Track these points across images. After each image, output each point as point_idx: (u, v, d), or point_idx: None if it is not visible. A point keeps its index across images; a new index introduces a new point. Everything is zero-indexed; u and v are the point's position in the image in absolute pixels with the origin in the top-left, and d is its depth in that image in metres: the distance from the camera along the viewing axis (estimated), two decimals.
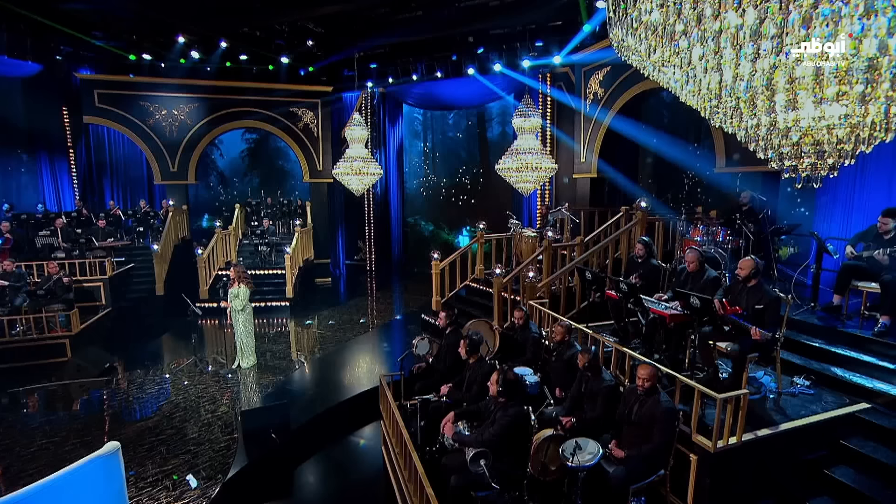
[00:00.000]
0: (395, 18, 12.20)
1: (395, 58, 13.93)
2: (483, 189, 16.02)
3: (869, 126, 2.04)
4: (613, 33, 2.43)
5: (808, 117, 2.08)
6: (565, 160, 12.08)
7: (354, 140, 12.04)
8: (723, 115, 2.51)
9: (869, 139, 2.11)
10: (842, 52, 1.78)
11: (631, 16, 2.24)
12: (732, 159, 8.15)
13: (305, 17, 11.61)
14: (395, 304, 13.28)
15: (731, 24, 1.93)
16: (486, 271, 9.66)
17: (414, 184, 17.09)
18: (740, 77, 2.06)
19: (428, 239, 17.02)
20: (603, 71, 10.82)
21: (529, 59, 11.93)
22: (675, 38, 2.11)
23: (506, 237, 9.99)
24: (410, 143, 16.89)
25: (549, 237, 8.19)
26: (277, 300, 11.92)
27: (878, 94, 1.88)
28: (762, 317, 4.56)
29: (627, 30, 2.29)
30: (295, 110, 14.65)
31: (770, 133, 2.31)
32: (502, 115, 15.30)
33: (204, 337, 10.07)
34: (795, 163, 2.35)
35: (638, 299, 4.99)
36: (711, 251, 7.20)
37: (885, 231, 5.44)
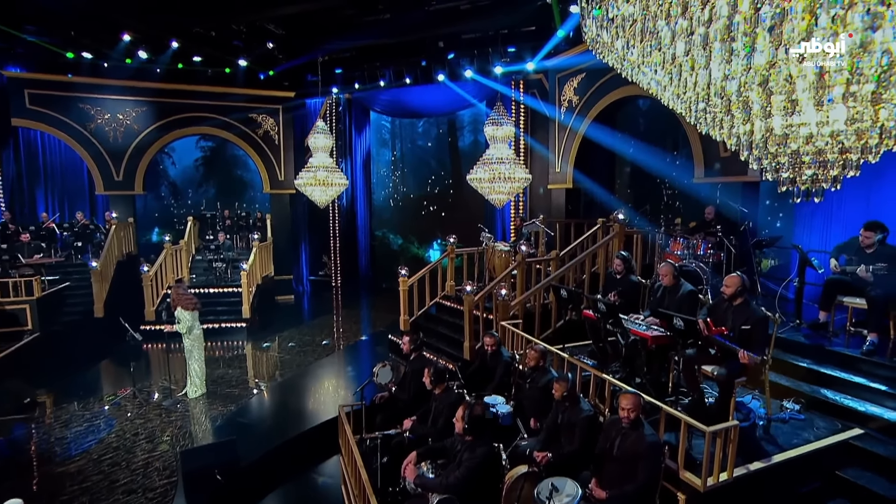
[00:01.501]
0: (362, 21, 11.96)
1: (361, 62, 13.66)
2: (454, 200, 15.80)
3: (878, 132, 1.83)
4: (587, 28, 2.18)
5: (810, 122, 1.86)
6: (540, 170, 11.98)
7: (318, 149, 11.73)
8: (711, 120, 2.28)
9: (877, 147, 1.90)
10: (848, 47, 1.56)
11: (603, 8, 1.99)
12: (712, 169, 8.12)
13: (264, 18, 11.24)
14: (362, 323, 12.87)
15: (722, 15, 1.69)
16: (457, 288, 9.39)
17: (382, 195, 16.77)
18: (732, 76, 1.83)
19: (397, 253, 16.67)
20: (578, 78, 10.79)
21: (502, 65, 11.84)
22: (656, 33, 1.87)
23: (478, 251, 9.79)
24: (378, 152, 16.60)
25: (523, 251, 7.96)
26: (233, 321, 11.34)
27: (892, 95, 1.66)
28: (749, 338, 4.39)
29: (601, 24, 2.04)
30: (254, 116, 14.18)
31: (766, 140, 2.08)
32: (474, 123, 15.19)
33: (150, 363, 9.42)
34: (794, 175, 2.12)
35: (617, 320, 4.76)
36: (692, 265, 7.10)
37: (868, 245, 5.39)
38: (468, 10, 11.44)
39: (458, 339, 7.87)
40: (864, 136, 1.84)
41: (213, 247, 12.69)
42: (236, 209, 15.13)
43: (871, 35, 1.47)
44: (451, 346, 8.16)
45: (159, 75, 12.87)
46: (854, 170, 2.00)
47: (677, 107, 2.34)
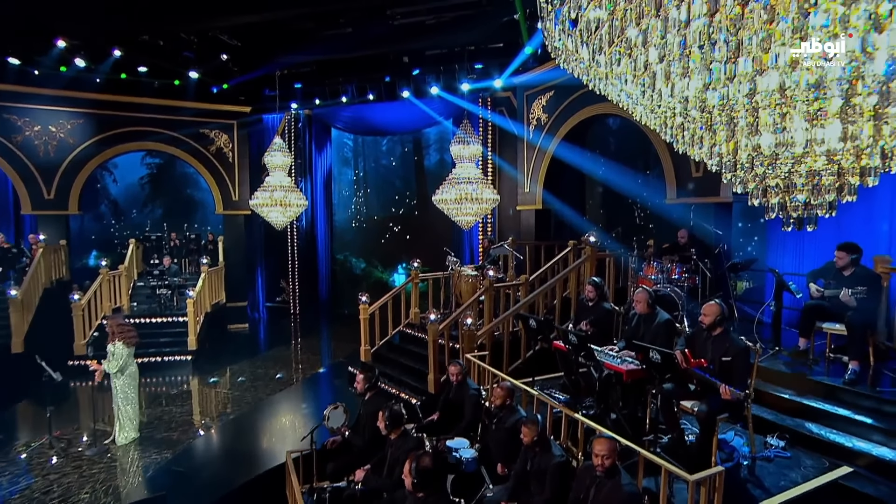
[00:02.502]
0: (323, 34, 11.78)
1: (322, 77, 13.44)
2: (420, 222, 15.56)
3: (879, 152, 1.65)
4: (547, 32, 1.96)
5: (802, 140, 1.67)
6: (509, 191, 11.90)
7: (276, 167, 11.42)
8: (689, 137, 2.09)
9: (878, 169, 1.72)
10: (846, 51, 1.37)
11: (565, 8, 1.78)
12: (685, 189, 8.14)
13: (217, 27, 10.89)
14: (321, 353, 12.40)
15: (701, 13, 1.49)
16: (421, 315, 9.12)
17: (344, 216, 16.40)
18: (713, 85, 1.63)
19: (359, 277, 16.27)
20: (546, 95, 10.81)
21: (469, 82, 11.81)
22: (625, 37, 1.67)
23: (443, 276, 9.58)
24: (340, 171, 16.30)
25: (491, 276, 7.77)
26: (177, 353, 10.66)
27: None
28: (730, 370, 4.23)
29: (563, 28, 1.83)
30: (206, 132, 13.67)
31: (752, 160, 1.89)
32: (440, 141, 15.10)
33: (76, 405, 8.66)
34: (784, 200, 1.93)
35: (589, 352, 4.53)
36: (667, 290, 7.00)
37: (843, 266, 5.37)
38: (434, 25, 11.40)
39: (423, 371, 7.57)
40: (864, 156, 1.66)
41: (157, 272, 12.01)
42: (185, 231, 14.46)
43: (873, 36, 1.28)
44: (415, 378, 7.83)
45: (99, 85, 12.24)
46: (852, 195, 1.82)
47: (651, 122, 2.15)
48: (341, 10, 11.08)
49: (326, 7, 10.48)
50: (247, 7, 9.92)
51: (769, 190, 1.93)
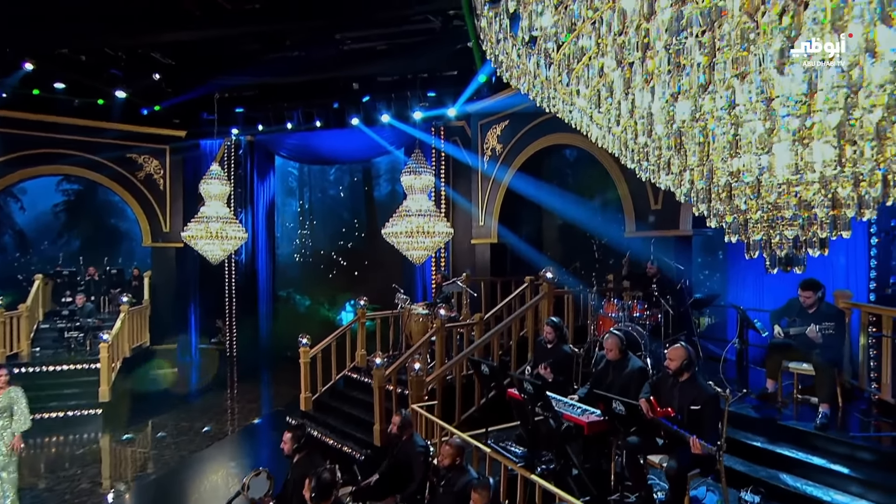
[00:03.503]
0: (267, 57, 11.50)
1: (266, 102, 13.08)
2: (370, 256, 15.15)
3: (881, 178, 1.43)
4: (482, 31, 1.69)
5: (793, 163, 1.43)
6: (463, 223, 11.76)
7: (213, 196, 10.89)
8: (655, 160, 1.85)
9: (877, 199, 1.51)
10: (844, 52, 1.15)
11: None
12: (644, 222, 8.15)
13: (148, 44, 10.40)
14: (260, 400, 11.65)
15: (666, 5, 1.24)
16: (368, 357, 8.68)
17: (287, 250, 15.80)
18: (682, 95, 1.38)
19: (304, 316, 15.58)
20: (501, 124, 10.84)
21: (421, 110, 11.75)
22: (576, 37, 1.42)
23: (392, 315, 9.22)
24: (284, 202, 15.79)
25: (442, 316, 7.43)
26: (85, 407, 9.65)
27: None
28: (699, 420, 4.00)
29: (498, 25, 1.56)
30: (134, 157, 12.91)
31: (730, 189, 1.65)
32: (391, 171, 14.89)
33: None
34: (767, 236, 1.69)
35: (546, 402, 4.22)
36: (629, 328, 6.84)
37: (809, 305, 5.35)
38: (385, 51, 11.35)
39: (369, 421, 7.09)
40: (864, 183, 1.44)
41: (67, 312, 11.00)
42: (105, 265, 13.45)
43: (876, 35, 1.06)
44: (360, 429, 7.33)
45: (4, 101, 11.39)
46: (846, 230, 1.61)
47: (609, 144, 1.91)
48: (287, 31, 10.87)
49: (270, 27, 10.21)
50: (181, 24, 9.52)
51: (751, 224, 1.70)
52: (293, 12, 9.75)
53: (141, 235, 13.36)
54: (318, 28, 10.68)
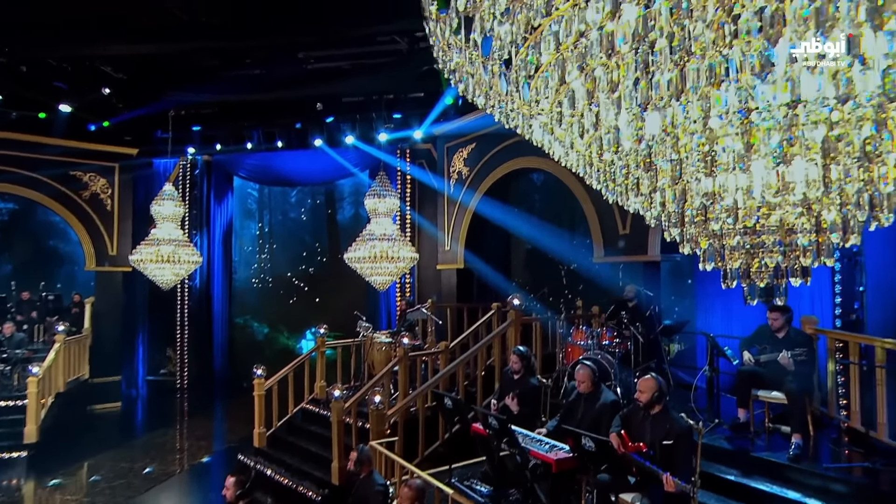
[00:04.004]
0: (227, 74, 11.29)
1: (225, 120, 12.82)
2: (332, 282, 14.81)
3: (867, 202, 1.34)
4: (431, 34, 1.56)
5: (777, 183, 1.32)
6: (428, 248, 11.66)
7: (165, 218, 10.51)
8: (622, 182, 1.74)
9: (863, 223, 1.41)
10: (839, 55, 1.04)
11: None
12: (613, 248, 8.17)
13: (96, 56, 10.04)
14: (213, 436, 11.07)
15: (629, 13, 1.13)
16: (328, 388, 8.37)
17: (245, 274, 15.31)
18: (654, 106, 1.27)
19: (261, 344, 15.07)
20: (468, 147, 10.86)
21: (387, 132, 11.70)
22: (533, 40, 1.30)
23: (354, 343, 8.98)
24: (242, 225, 15.37)
25: (406, 344, 7.25)
26: (8, 449, 8.89)
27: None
28: (672, 455, 3.88)
29: (446, 25, 1.43)
30: (78, 175, 12.33)
31: (705, 212, 1.53)
32: (355, 194, 14.70)
33: None
34: (746, 264, 1.58)
35: (512, 438, 4.04)
36: (598, 356, 6.76)
37: (778, 328, 5.39)
38: (350, 71, 11.32)
39: (328, 458, 6.77)
40: (849, 206, 1.35)
41: None
42: (41, 291, 12.72)
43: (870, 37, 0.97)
44: (318, 466, 7.01)
45: None
46: (829, 257, 1.51)
47: (573, 163, 1.79)
48: (248, 48, 10.71)
49: (229, 43, 10.02)
50: (134, 36, 9.23)
51: (728, 252, 1.59)
52: (254, 28, 9.64)
53: (84, 259, 12.70)
54: (280, 45, 10.60)
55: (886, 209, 1.35)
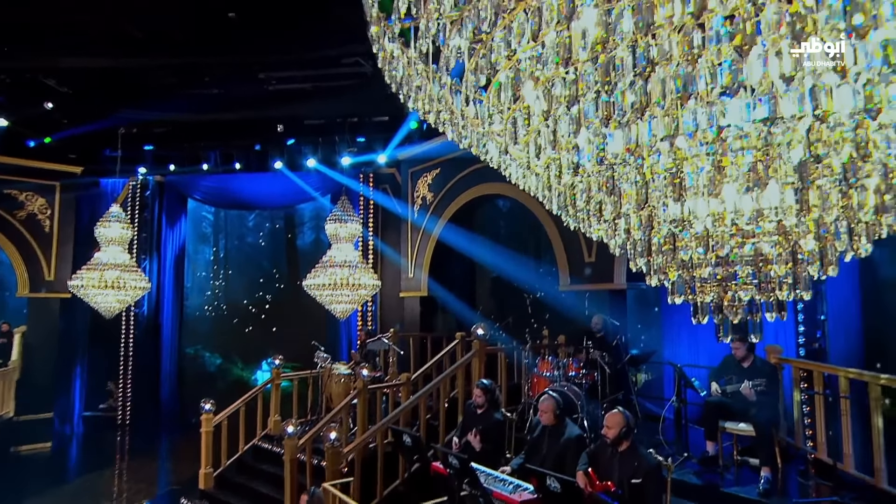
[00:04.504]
0: (184, 92, 11.03)
1: (180, 140, 12.47)
2: (291, 310, 14.41)
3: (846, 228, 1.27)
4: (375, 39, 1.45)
5: (751, 208, 1.23)
6: (391, 276, 11.55)
7: (111, 241, 10.09)
8: (583, 206, 1.63)
9: (843, 255, 1.34)
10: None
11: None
12: (579, 276, 8.18)
13: (39, 68, 9.63)
14: (155, 477, 10.43)
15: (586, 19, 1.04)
16: (283, 423, 8.05)
17: (198, 302, 14.75)
18: (613, 121, 1.17)
19: (214, 376, 14.45)
20: (433, 172, 10.87)
21: (350, 155, 11.65)
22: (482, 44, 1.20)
23: (311, 375, 8.76)
24: (196, 249, 14.87)
25: (365, 376, 7.03)
26: None
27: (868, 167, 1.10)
28: (641, 494, 3.78)
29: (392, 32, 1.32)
30: (14, 194, 11.72)
31: (674, 242, 1.44)
32: (316, 219, 14.47)
33: None
34: (717, 297, 1.48)
35: (473, 479, 3.85)
36: (564, 388, 6.66)
37: (742, 357, 5.44)
38: (313, 93, 11.19)
39: (280, 499, 6.45)
40: (829, 234, 1.27)
41: None
42: None
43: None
44: None
45: None
46: (807, 290, 1.43)
47: (531, 186, 1.68)
48: (206, 66, 10.50)
49: (185, 60, 9.80)
50: (82, 49, 8.91)
51: (699, 284, 1.50)
52: (212, 47, 9.49)
53: (16, 284, 12.00)
54: (240, 65, 10.44)
55: (865, 238, 1.28)
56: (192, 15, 9.00)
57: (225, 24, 9.18)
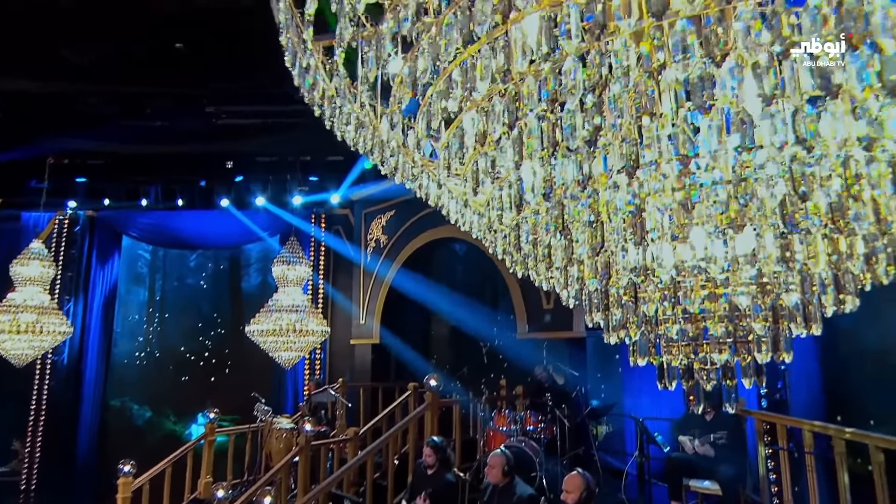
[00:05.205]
0: (123, 123, 10.67)
1: (117, 173, 12.00)
2: (233, 357, 13.70)
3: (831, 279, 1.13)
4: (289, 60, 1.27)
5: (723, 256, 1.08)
6: (342, 322, 11.29)
7: (28, 280, 9.48)
8: (528, 250, 1.45)
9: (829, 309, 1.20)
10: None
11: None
12: (539, 323, 8.09)
13: None
14: None
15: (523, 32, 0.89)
16: (214, 486, 7.53)
17: (128, 348, 13.83)
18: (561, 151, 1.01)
19: (142, 430, 13.43)
20: (387, 214, 10.80)
21: (301, 194, 11.48)
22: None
23: (250, 430, 8.29)
24: (129, 290, 14.06)
25: (308, 431, 6.69)
26: None
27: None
28: None
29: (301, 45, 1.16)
30: None
31: (635, 293, 1.28)
32: (264, 260, 13.98)
33: None
34: (688, 360, 1.31)
35: None
36: (522, 444, 6.44)
37: (706, 410, 5.36)
38: (263, 128, 11.03)
39: None
40: (814, 287, 1.13)
41: None
42: None
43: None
44: None
45: None
46: (788, 352, 1.28)
47: (473, 225, 1.50)
48: (149, 95, 10.22)
49: (124, 88, 9.51)
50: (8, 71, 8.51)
51: (665, 344, 1.33)
52: (159, 76, 9.28)
53: None
54: (188, 97, 10.22)
55: (853, 291, 1.15)
56: (138, 43, 8.84)
57: (172, 55, 9.04)
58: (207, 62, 8.97)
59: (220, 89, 9.89)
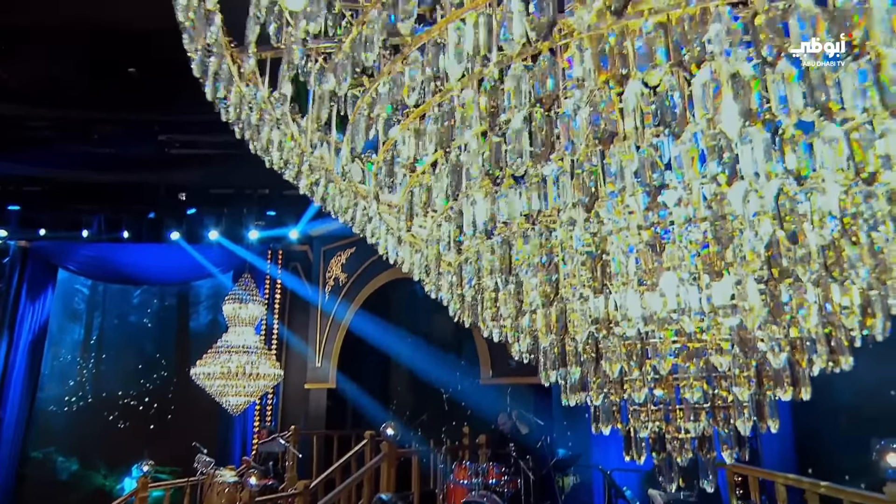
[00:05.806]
0: (66, 148, 10.31)
1: (56, 201, 11.50)
2: (178, 403, 13.05)
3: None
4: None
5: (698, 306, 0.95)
6: (297, 365, 10.95)
7: None
8: (472, 296, 1.29)
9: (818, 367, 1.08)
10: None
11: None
12: (503, 368, 7.92)
13: None
14: None
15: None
16: None
17: (57, 392, 13.01)
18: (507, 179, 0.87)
19: (67, 485, 12.51)
20: (347, 252, 10.67)
21: (258, 229, 11.21)
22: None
23: (189, 484, 7.88)
24: (62, 328, 13.37)
25: (252, 485, 6.32)
26: None
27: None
28: None
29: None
30: None
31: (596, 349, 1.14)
32: (215, 297, 13.51)
33: None
34: (659, 430, 1.17)
35: None
36: (484, 499, 6.20)
37: (680, 487, 5.24)
38: (219, 158, 10.82)
39: None
40: (802, 344, 1.01)
41: None
42: None
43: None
44: None
45: None
46: (774, 419, 1.15)
47: (410, 263, 1.37)
48: (95, 120, 9.93)
49: (67, 112, 9.22)
50: None
51: (632, 410, 1.18)
52: (107, 101, 9.05)
53: None
54: (138, 123, 9.99)
55: (846, 351, 1.04)
56: (86, 65, 8.64)
57: (123, 79, 8.84)
58: (161, 88, 8.79)
59: (173, 117, 9.71)
